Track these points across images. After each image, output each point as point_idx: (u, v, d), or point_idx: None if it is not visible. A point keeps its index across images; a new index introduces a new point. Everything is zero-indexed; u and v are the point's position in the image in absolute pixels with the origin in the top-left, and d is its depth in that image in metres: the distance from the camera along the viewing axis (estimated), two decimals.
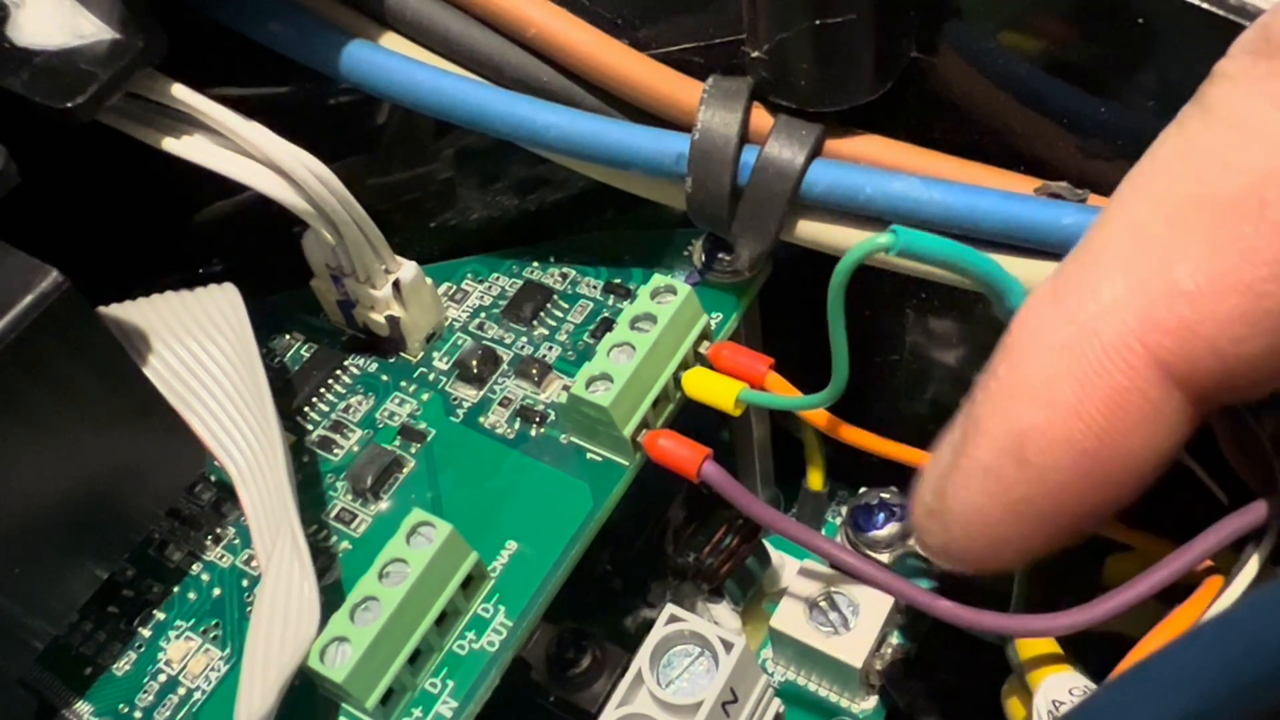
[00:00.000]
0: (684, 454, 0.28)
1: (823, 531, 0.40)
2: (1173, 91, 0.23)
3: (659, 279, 0.29)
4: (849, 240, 0.27)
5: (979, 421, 0.19)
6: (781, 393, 0.29)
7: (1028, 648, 0.28)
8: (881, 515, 0.36)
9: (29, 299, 0.22)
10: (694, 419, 0.30)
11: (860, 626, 0.34)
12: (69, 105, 0.25)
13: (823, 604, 0.35)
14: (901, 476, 0.37)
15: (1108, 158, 0.25)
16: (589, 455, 0.29)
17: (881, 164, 0.27)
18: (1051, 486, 0.19)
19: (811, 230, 0.28)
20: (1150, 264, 0.17)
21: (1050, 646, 0.28)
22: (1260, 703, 0.14)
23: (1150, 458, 0.18)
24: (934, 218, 0.25)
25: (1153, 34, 0.23)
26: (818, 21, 0.25)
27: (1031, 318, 0.19)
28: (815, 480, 0.39)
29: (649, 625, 0.30)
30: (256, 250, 0.35)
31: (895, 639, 0.36)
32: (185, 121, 0.27)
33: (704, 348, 0.30)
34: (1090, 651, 0.27)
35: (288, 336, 0.33)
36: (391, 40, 0.29)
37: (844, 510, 0.37)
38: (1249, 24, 0.20)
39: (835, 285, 0.23)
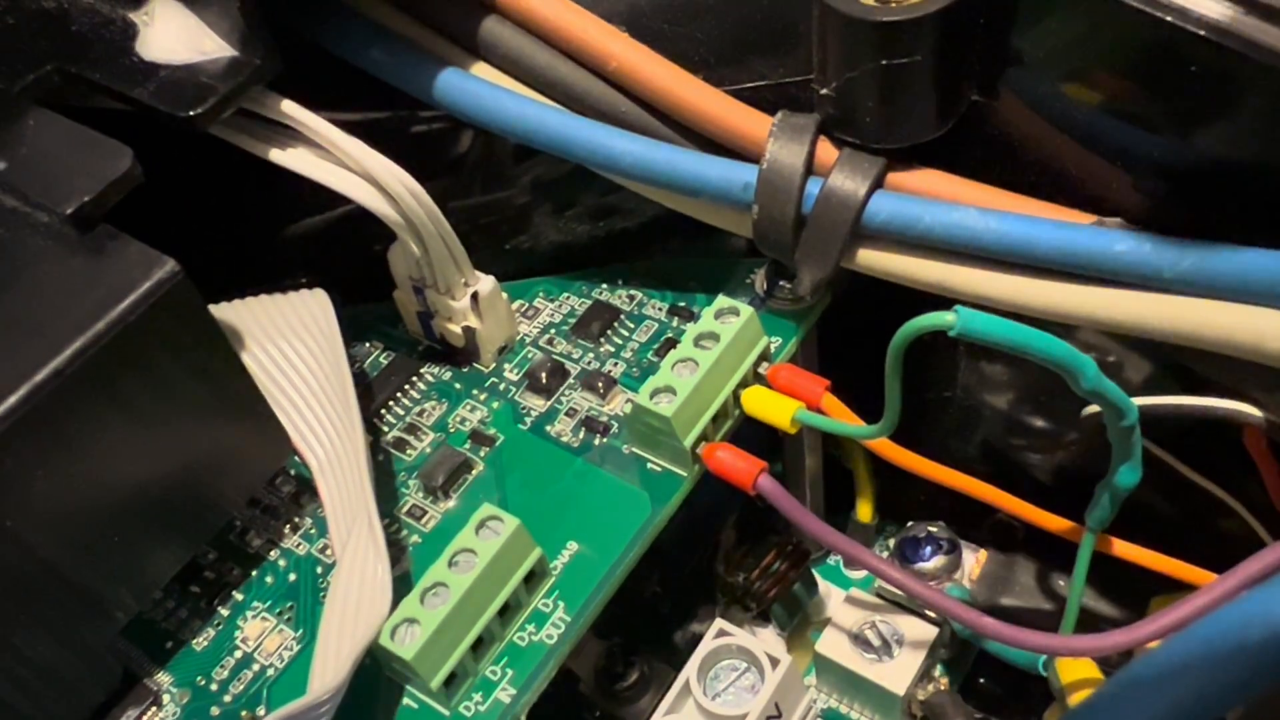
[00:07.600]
0: (741, 466, 0.29)
1: None
2: (1226, 129, 0.24)
3: (723, 300, 0.31)
4: (908, 268, 0.28)
5: None
6: (837, 415, 0.30)
7: (1069, 671, 0.29)
8: (928, 548, 0.37)
9: (148, 284, 0.24)
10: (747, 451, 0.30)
11: (904, 655, 0.35)
12: (191, 114, 0.27)
13: (867, 632, 0.36)
14: (949, 511, 0.38)
15: (1162, 195, 0.26)
16: (649, 465, 0.30)
17: (940, 198, 0.28)
18: None
19: (871, 258, 0.29)
20: None
21: (1091, 670, 0.29)
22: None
23: None
24: (990, 246, 0.26)
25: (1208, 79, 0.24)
26: (884, 62, 0.26)
27: None
28: (864, 512, 0.39)
29: (696, 644, 0.31)
30: (339, 267, 0.37)
31: (938, 671, 0.36)
32: (289, 136, 0.29)
33: (763, 368, 0.31)
34: None
35: (367, 345, 0.35)
36: (482, 69, 0.31)
37: (891, 543, 0.38)
38: None
39: (894, 349, 0.24)
